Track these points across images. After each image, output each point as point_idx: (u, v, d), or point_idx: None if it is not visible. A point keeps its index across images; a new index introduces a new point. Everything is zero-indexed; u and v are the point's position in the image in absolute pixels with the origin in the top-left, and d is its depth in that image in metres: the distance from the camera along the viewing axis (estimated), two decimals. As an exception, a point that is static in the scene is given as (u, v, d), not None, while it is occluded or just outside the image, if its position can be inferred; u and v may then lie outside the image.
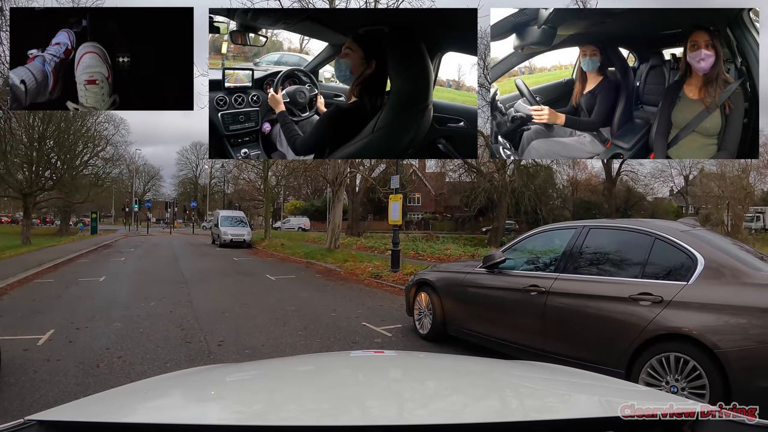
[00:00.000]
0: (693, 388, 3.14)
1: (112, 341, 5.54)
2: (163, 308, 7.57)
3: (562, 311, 4.02)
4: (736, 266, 3.33)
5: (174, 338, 5.73)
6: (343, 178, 18.18)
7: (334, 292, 9.74)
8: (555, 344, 4.01)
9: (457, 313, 5.20)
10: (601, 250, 4.10)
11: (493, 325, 4.72)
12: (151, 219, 47.36)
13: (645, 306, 3.46)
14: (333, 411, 1.14)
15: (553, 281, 4.14)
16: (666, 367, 3.27)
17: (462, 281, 5.17)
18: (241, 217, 27.34)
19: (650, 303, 3.44)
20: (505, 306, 4.61)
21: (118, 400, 1.39)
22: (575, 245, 4.18)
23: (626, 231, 4.05)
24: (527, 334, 4.28)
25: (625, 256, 3.91)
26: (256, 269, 14.12)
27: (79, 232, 33.55)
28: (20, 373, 4.35)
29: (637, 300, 3.51)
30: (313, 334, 6.04)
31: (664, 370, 3.27)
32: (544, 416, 1.16)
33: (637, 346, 3.41)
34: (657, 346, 3.34)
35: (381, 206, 35.72)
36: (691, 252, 3.48)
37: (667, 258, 3.60)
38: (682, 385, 3.19)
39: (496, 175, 28.54)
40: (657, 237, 3.71)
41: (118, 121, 33.76)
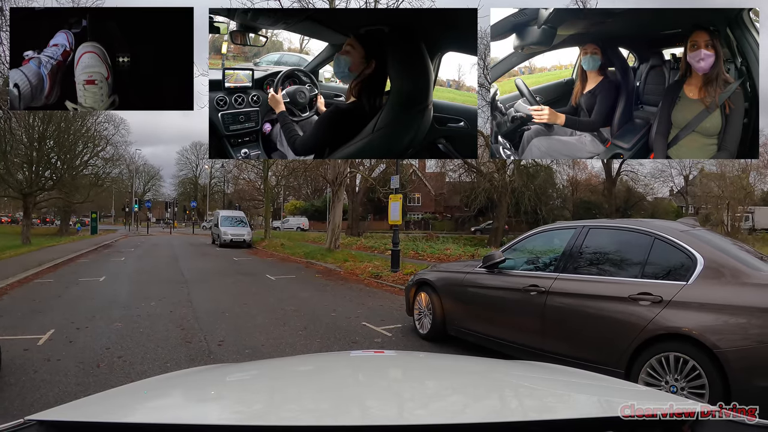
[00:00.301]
0: (692, 388, 3.14)
1: (113, 341, 5.54)
2: (163, 308, 7.57)
3: (561, 311, 4.01)
4: (736, 266, 3.32)
5: (174, 338, 5.73)
6: (343, 178, 18.18)
7: (334, 292, 9.76)
8: (554, 344, 4.01)
9: (457, 312, 5.20)
10: (600, 250, 4.10)
11: (492, 324, 4.73)
12: (151, 219, 47.36)
13: (644, 306, 3.46)
14: (333, 411, 1.14)
15: (552, 281, 4.14)
16: (666, 366, 3.27)
17: (462, 281, 5.17)
18: (241, 217, 27.33)
19: (650, 303, 3.44)
20: (504, 306, 4.61)
21: (118, 400, 1.39)
22: (575, 245, 4.18)
23: (626, 231, 4.05)
24: (527, 334, 4.28)
25: (624, 256, 3.91)
26: (256, 269, 14.12)
27: (77, 233, 33.32)
28: (21, 373, 4.35)
29: (637, 300, 3.51)
30: (313, 334, 6.05)
31: (664, 369, 3.27)
32: (543, 416, 1.16)
33: (637, 345, 3.41)
34: (656, 346, 3.34)
35: (381, 206, 35.71)
36: (690, 252, 3.48)
37: (667, 258, 3.60)
38: (681, 385, 3.19)
39: (496, 175, 28.57)
40: (656, 237, 3.71)
41: (118, 121, 33.87)
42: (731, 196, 29.81)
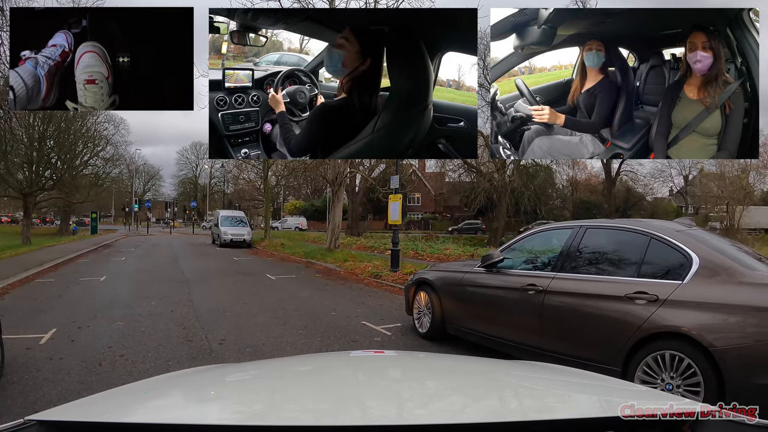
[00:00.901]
0: (688, 386, 3.17)
1: (114, 340, 5.58)
2: (164, 307, 7.59)
3: (559, 310, 4.04)
4: (732, 266, 3.35)
5: (176, 337, 5.76)
6: (343, 178, 18.23)
7: (333, 291, 9.79)
8: (552, 342, 4.04)
9: (456, 312, 5.22)
10: (597, 249, 4.14)
11: (491, 323, 4.76)
12: (151, 219, 47.37)
13: (640, 305, 3.48)
14: (333, 411, 1.15)
15: (550, 280, 4.17)
16: (661, 365, 3.30)
17: (461, 280, 5.19)
18: (241, 217, 27.42)
19: (646, 302, 3.46)
20: (503, 305, 4.64)
21: (118, 400, 1.39)
22: (572, 245, 4.22)
23: (622, 231, 4.08)
24: (525, 333, 4.31)
25: (621, 255, 3.95)
26: (256, 269, 14.15)
27: (73, 234, 32.90)
28: (23, 372, 4.38)
29: (633, 299, 3.53)
30: (314, 332, 6.07)
31: (660, 368, 3.30)
32: (544, 416, 1.16)
33: (633, 344, 3.44)
34: (652, 344, 3.37)
35: (381, 206, 35.73)
36: (686, 251, 3.50)
37: (663, 257, 3.64)
38: (677, 383, 3.22)
39: (496, 176, 28.63)
40: (653, 237, 3.74)
41: (118, 121, 33.94)
42: (730, 196, 29.83)
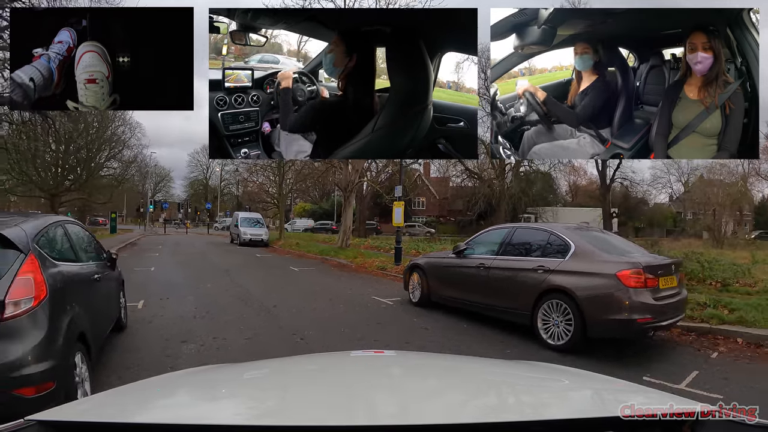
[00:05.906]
0: (566, 321, 5.36)
1: (195, 305, 7.50)
2: (218, 288, 9.49)
3: (497, 278, 6.34)
4: (592, 250, 5.60)
5: (238, 304, 7.79)
6: (354, 186, 19.77)
7: (348, 279, 12.25)
8: (493, 299, 6.34)
9: (437, 285, 7.57)
10: (521, 241, 6.43)
11: (458, 291, 7.05)
12: (164, 219, 47.66)
13: (541, 273, 5.77)
14: (332, 411, 1.14)
15: (492, 260, 6.52)
16: (552, 308, 5.52)
17: (440, 263, 7.67)
18: (258, 218, 29.99)
19: (543, 271, 5.75)
20: (465, 278, 6.90)
21: (118, 400, 1.39)
22: (506, 238, 6.56)
23: (536, 230, 6.68)
24: (478, 294, 6.62)
25: (533, 244, 6.20)
26: (279, 263, 16.25)
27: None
28: (140, 324, 6.09)
29: (537, 269, 5.84)
30: (337, 303, 8.32)
31: (551, 310, 5.53)
32: (544, 416, 1.16)
33: (536, 296, 5.68)
34: (547, 297, 5.60)
35: (387, 210, 35.92)
36: (568, 241, 5.77)
37: (556, 245, 5.88)
38: (560, 319, 5.41)
39: (496, 182, 29.00)
40: (551, 233, 6.07)
41: (134, 125, 34.58)
42: (724, 202, 30.12)
